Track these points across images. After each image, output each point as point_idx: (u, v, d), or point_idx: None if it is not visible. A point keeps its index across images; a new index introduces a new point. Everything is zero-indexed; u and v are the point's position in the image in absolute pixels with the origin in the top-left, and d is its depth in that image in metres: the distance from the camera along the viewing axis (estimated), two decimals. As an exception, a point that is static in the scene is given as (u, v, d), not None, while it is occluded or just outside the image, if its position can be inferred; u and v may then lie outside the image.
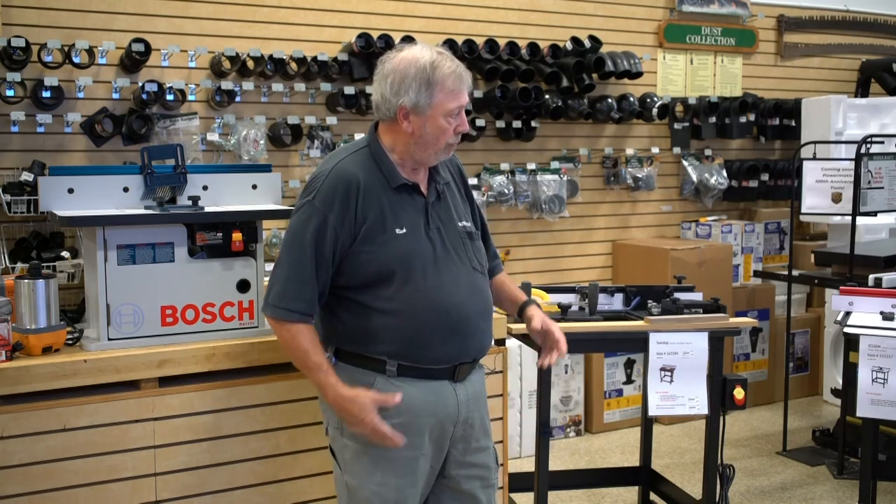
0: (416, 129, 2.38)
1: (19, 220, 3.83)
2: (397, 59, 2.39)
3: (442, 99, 2.34)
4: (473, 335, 2.45)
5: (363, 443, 2.39)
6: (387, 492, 2.39)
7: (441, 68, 2.34)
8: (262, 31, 4.49)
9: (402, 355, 2.38)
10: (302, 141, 4.58)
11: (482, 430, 2.54)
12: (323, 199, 2.35)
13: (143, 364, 2.83)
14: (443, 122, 2.36)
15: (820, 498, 4.30)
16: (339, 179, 2.37)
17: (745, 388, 3.34)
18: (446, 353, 2.41)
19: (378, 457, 2.39)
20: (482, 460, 2.54)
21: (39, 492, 2.71)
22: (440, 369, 2.42)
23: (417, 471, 2.43)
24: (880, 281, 3.98)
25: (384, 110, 2.42)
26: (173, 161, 3.07)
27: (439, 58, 2.37)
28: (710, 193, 5.84)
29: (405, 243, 2.36)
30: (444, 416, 2.43)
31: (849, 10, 6.48)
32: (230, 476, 2.98)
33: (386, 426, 2.31)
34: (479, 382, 2.55)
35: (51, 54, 3.88)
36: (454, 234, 2.46)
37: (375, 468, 2.40)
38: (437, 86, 2.33)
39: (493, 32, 5.06)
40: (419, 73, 2.33)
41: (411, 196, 2.43)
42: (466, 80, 2.40)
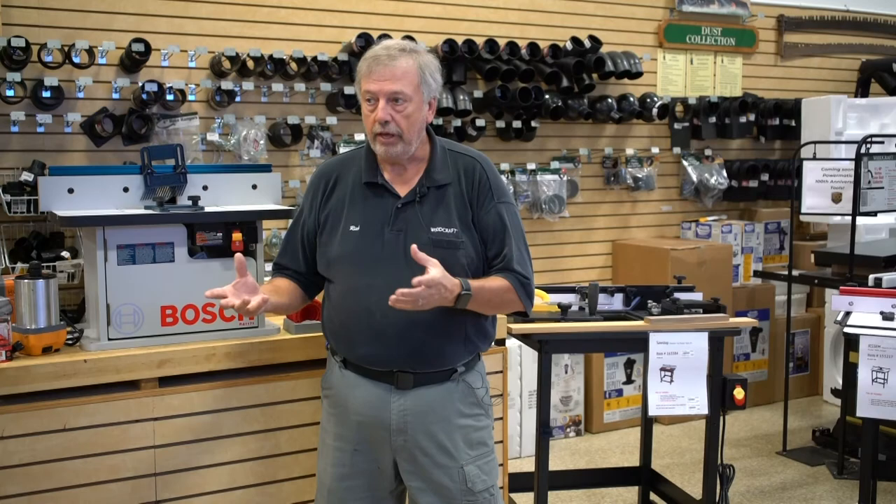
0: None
1: (19, 220, 3.83)
2: None
3: (360, 81, 2.41)
4: (403, 342, 2.39)
5: (323, 429, 2.57)
6: (325, 477, 2.56)
7: (369, 52, 2.40)
8: (262, 31, 4.49)
9: (340, 349, 2.53)
10: (302, 141, 4.58)
11: (436, 446, 2.44)
12: (306, 191, 2.60)
13: (143, 364, 2.83)
14: (364, 108, 2.40)
15: (820, 498, 4.30)
16: (319, 173, 2.57)
17: (745, 388, 3.34)
18: (371, 354, 2.42)
19: (324, 441, 2.58)
20: (438, 478, 2.45)
21: (39, 492, 2.71)
22: (378, 371, 2.43)
23: (354, 466, 2.49)
24: (880, 281, 3.98)
25: None
26: (173, 161, 3.08)
27: (378, 45, 2.41)
28: (710, 193, 5.84)
29: (353, 241, 2.41)
30: (373, 420, 2.45)
31: (849, 10, 6.48)
32: (230, 476, 2.98)
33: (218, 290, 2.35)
34: (437, 398, 2.45)
35: (51, 54, 3.88)
36: (423, 240, 2.36)
37: (322, 453, 2.59)
38: (358, 69, 2.42)
39: (493, 32, 5.06)
40: (362, 60, 2.42)
41: (381, 195, 2.44)
42: (384, 67, 2.33)
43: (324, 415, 2.61)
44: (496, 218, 2.46)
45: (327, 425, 2.58)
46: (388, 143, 2.38)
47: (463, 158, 2.51)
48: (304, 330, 3.09)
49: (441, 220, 2.42)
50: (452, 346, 2.45)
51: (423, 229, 2.40)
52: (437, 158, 2.47)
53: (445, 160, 2.49)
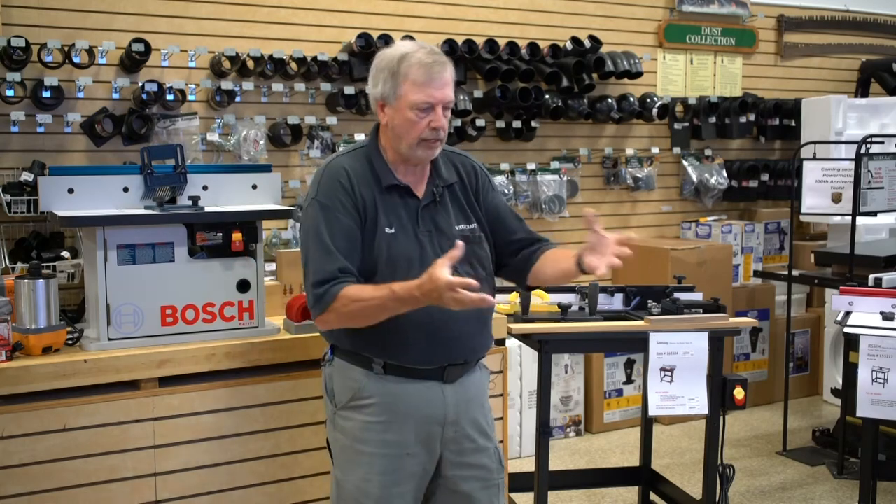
0: (389, 120, 2.39)
1: (19, 220, 3.83)
2: (379, 54, 2.43)
3: (407, 90, 2.33)
4: (457, 339, 2.43)
5: (351, 437, 2.42)
6: (370, 488, 2.40)
7: (409, 59, 2.33)
8: (262, 31, 4.49)
9: (387, 354, 2.39)
10: (302, 141, 4.58)
11: (478, 431, 2.51)
12: (325, 192, 2.38)
13: (143, 364, 2.83)
14: (410, 115, 2.34)
15: (820, 498, 4.29)
16: (336, 173, 2.40)
17: (745, 388, 3.34)
18: (427, 354, 2.41)
19: (362, 452, 2.41)
20: (480, 461, 2.52)
21: (39, 492, 2.71)
22: (427, 370, 2.42)
23: (403, 470, 2.42)
24: (880, 281, 3.97)
25: (372, 106, 2.47)
26: (173, 161, 3.08)
27: (415, 50, 2.35)
28: (710, 193, 5.84)
29: (393, 242, 2.37)
30: (429, 417, 2.43)
31: (849, 10, 6.48)
32: (230, 476, 2.98)
33: (457, 278, 2.17)
34: (474, 384, 2.53)
35: (51, 54, 3.88)
36: (447, 237, 2.42)
37: (359, 463, 2.41)
38: (401, 76, 2.33)
39: (493, 32, 5.06)
40: (388, 64, 2.36)
41: (402, 198, 2.43)
42: (440, 75, 2.34)
43: (358, 426, 2.42)
44: (500, 200, 2.62)
45: (366, 435, 2.41)
46: (434, 148, 2.42)
47: (458, 157, 2.59)
48: (304, 330, 3.09)
49: (460, 218, 2.49)
50: (487, 332, 2.57)
51: (450, 228, 2.45)
52: (439, 159, 2.51)
53: (446, 160, 2.54)
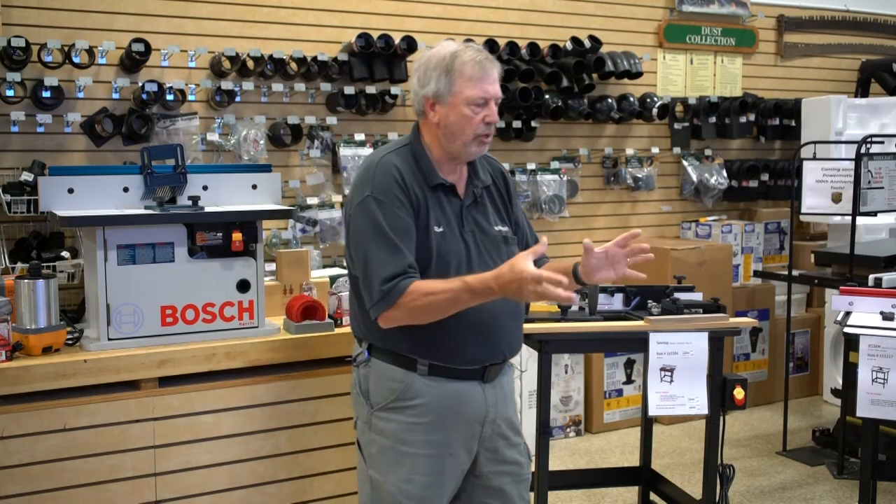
0: (441, 118, 2.40)
1: (19, 220, 3.83)
2: (423, 56, 2.45)
3: (461, 86, 2.36)
4: (502, 337, 2.46)
5: (392, 438, 2.40)
6: (412, 488, 2.39)
7: (461, 57, 2.37)
8: (262, 31, 4.49)
9: (433, 355, 2.38)
10: (302, 141, 4.57)
11: (511, 428, 2.55)
12: (381, 189, 2.34)
13: (143, 364, 2.83)
14: (465, 111, 2.37)
15: (820, 498, 4.29)
16: (389, 169, 2.38)
17: (745, 388, 3.34)
18: (475, 354, 2.42)
19: (404, 453, 2.39)
20: (512, 456, 2.55)
21: (39, 492, 2.71)
22: (470, 370, 2.43)
23: (445, 471, 2.42)
24: (880, 281, 3.97)
25: (416, 106, 2.46)
26: (173, 161, 3.08)
27: (463, 49, 2.40)
28: (710, 193, 5.84)
29: (441, 241, 2.38)
30: (472, 417, 2.44)
31: (849, 10, 6.48)
32: (230, 476, 2.98)
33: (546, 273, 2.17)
34: (508, 382, 2.57)
35: (51, 54, 3.88)
36: (489, 237, 2.46)
37: (400, 464, 2.40)
38: (455, 73, 2.36)
39: (493, 32, 5.06)
40: (439, 62, 2.38)
41: (448, 196, 2.44)
42: (491, 71, 2.40)
43: (401, 427, 2.40)
44: (520, 209, 2.68)
45: (409, 436, 2.39)
46: (486, 144, 2.45)
47: (489, 160, 2.62)
48: (304, 330, 3.10)
49: (497, 219, 2.53)
50: (521, 330, 2.59)
51: (490, 228, 2.48)
52: (476, 160, 2.53)
53: (480, 162, 2.56)
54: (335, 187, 4.67)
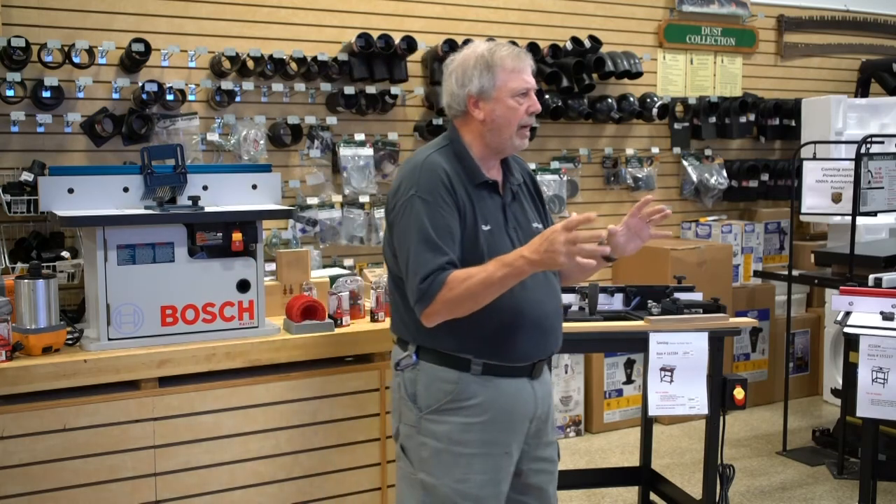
0: (487, 114, 2.42)
1: (19, 220, 3.83)
2: (458, 56, 2.48)
3: (504, 79, 2.41)
4: (551, 333, 2.49)
5: (445, 440, 2.38)
6: (468, 489, 2.38)
7: (498, 52, 2.43)
8: (262, 31, 4.49)
9: (487, 353, 2.38)
10: (302, 141, 4.57)
11: (550, 425, 2.57)
12: (426, 188, 2.34)
13: (143, 364, 2.83)
14: (511, 103, 2.41)
15: (820, 498, 4.29)
16: (435, 169, 2.38)
17: (745, 388, 3.34)
18: (528, 350, 2.43)
19: (460, 454, 2.38)
20: (549, 454, 2.57)
21: (39, 492, 2.71)
22: (521, 367, 2.44)
23: (501, 470, 2.43)
24: (880, 281, 3.97)
25: (455, 106, 2.47)
26: (173, 161, 3.08)
27: (497, 45, 2.47)
28: (710, 193, 5.84)
29: (491, 239, 2.39)
30: (523, 415, 2.45)
31: (849, 10, 6.48)
32: (230, 476, 2.98)
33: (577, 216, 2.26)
34: (548, 379, 2.59)
35: (51, 54, 3.88)
36: (529, 233, 2.46)
37: (456, 465, 2.38)
38: (497, 67, 2.41)
39: (493, 32, 5.06)
40: (478, 59, 2.42)
41: (491, 194, 2.46)
42: (528, 62, 2.47)
43: (455, 428, 2.38)
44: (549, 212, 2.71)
45: (465, 436, 2.38)
46: (527, 136, 2.49)
47: (517, 159, 2.62)
48: (304, 330, 3.10)
49: (534, 216, 2.56)
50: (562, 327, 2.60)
51: (528, 225, 2.50)
52: (508, 158, 2.55)
53: (511, 160, 2.57)
54: (335, 187, 4.67)
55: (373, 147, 4.68)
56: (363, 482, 3.20)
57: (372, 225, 4.69)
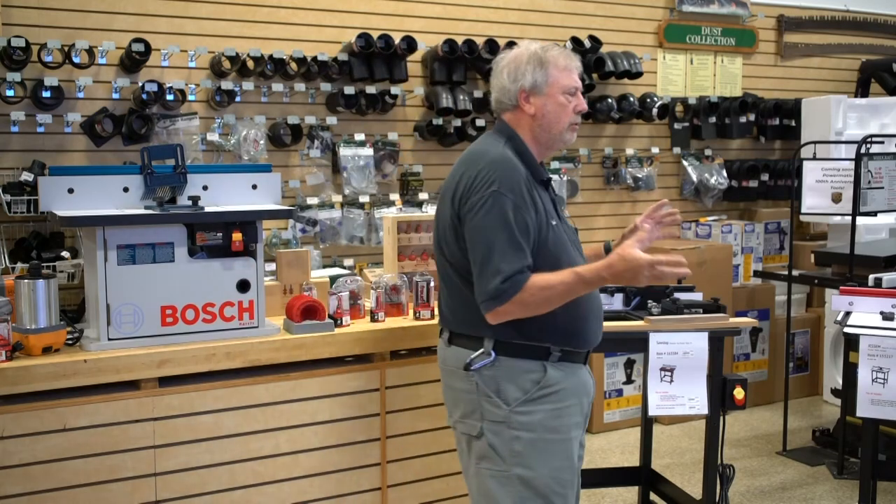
0: (538, 109, 2.49)
1: (19, 220, 3.83)
2: (509, 54, 2.55)
3: (557, 76, 2.49)
4: (601, 320, 2.60)
5: (540, 428, 2.42)
6: (565, 475, 2.45)
7: (551, 51, 2.53)
8: (262, 31, 4.49)
9: (564, 341, 2.45)
10: (302, 141, 4.58)
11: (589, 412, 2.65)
12: (508, 186, 2.36)
13: (143, 364, 2.83)
14: (561, 99, 2.50)
15: (820, 498, 4.29)
16: (515, 167, 2.41)
17: (745, 388, 3.34)
18: (592, 337, 2.54)
19: (554, 440, 2.43)
20: (584, 439, 2.64)
21: (39, 492, 2.71)
22: (584, 353, 2.53)
23: (575, 453, 2.52)
24: (880, 281, 3.97)
25: (505, 101, 2.53)
26: (173, 161, 3.07)
27: (548, 45, 2.56)
28: (710, 193, 5.84)
29: (559, 234, 2.46)
30: (588, 398, 2.56)
31: (849, 10, 6.48)
32: (230, 476, 2.98)
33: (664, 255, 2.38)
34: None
35: (51, 54, 3.88)
36: (571, 227, 2.59)
37: (553, 453, 2.43)
38: (549, 64, 2.49)
39: (493, 32, 5.06)
40: (531, 56, 2.50)
41: (546, 190, 2.52)
42: (577, 63, 2.56)
43: (546, 416, 2.43)
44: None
45: (556, 422, 2.44)
46: (575, 132, 2.58)
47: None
48: (304, 330, 3.09)
49: (564, 210, 2.66)
50: None
51: (567, 220, 2.60)
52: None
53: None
54: (335, 187, 4.67)
55: (373, 147, 4.68)
56: (363, 482, 3.20)
57: (372, 225, 4.69)
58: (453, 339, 2.51)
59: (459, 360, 2.46)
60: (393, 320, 3.31)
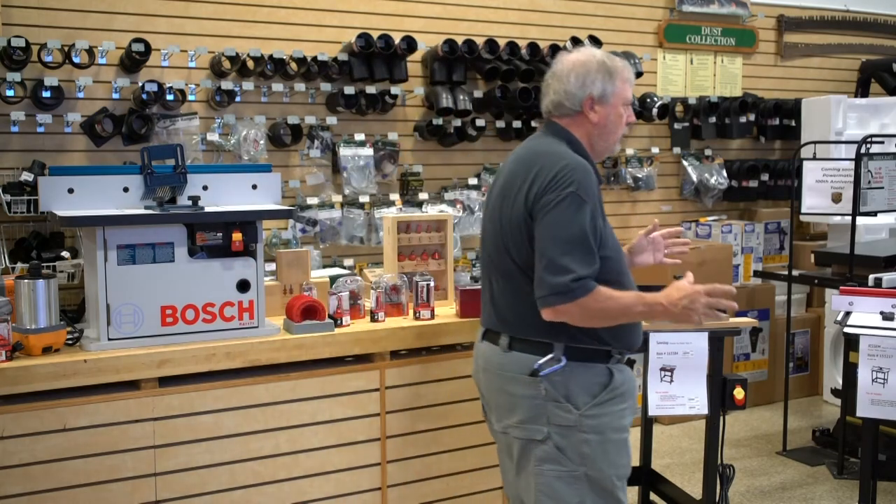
0: (601, 118, 2.52)
1: (19, 220, 3.83)
2: (572, 58, 2.55)
3: (621, 87, 2.54)
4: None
5: (609, 429, 2.46)
6: (624, 472, 2.51)
7: (616, 61, 2.56)
8: (262, 31, 4.49)
9: (624, 344, 2.52)
10: (302, 141, 4.58)
11: None
12: (585, 190, 2.37)
13: (143, 364, 2.83)
14: (621, 111, 2.55)
15: (820, 498, 4.29)
16: (589, 171, 2.43)
17: (745, 388, 3.34)
18: (640, 339, 2.62)
19: (619, 440, 2.48)
20: None
21: (39, 492, 2.71)
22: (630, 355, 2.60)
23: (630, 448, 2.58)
24: (880, 281, 3.97)
25: (569, 105, 2.52)
26: (173, 161, 3.07)
27: (607, 53, 2.60)
28: (710, 193, 5.84)
29: (615, 236, 2.51)
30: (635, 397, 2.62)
31: (849, 10, 6.48)
32: (230, 476, 2.98)
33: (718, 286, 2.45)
34: None
35: (51, 54, 3.88)
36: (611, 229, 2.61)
37: (618, 452, 2.48)
38: (617, 75, 2.53)
39: (493, 32, 5.06)
40: (600, 65, 2.52)
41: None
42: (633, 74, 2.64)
43: (613, 418, 2.47)
44: None
45: (620, 422, 2.50)
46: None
47: None
48: (304, 330, 3.09)
49: None
50: None
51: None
52: None
53: None
54: (335, 187, 4.67)
55: (373, 147, 4.68)
56: (363, 482, 3.20)
57: (372, 225, 4.69)
58: (514, 345, 2.48)
59: (523, 366, 2.44)
60: (393, 320, 3.31)
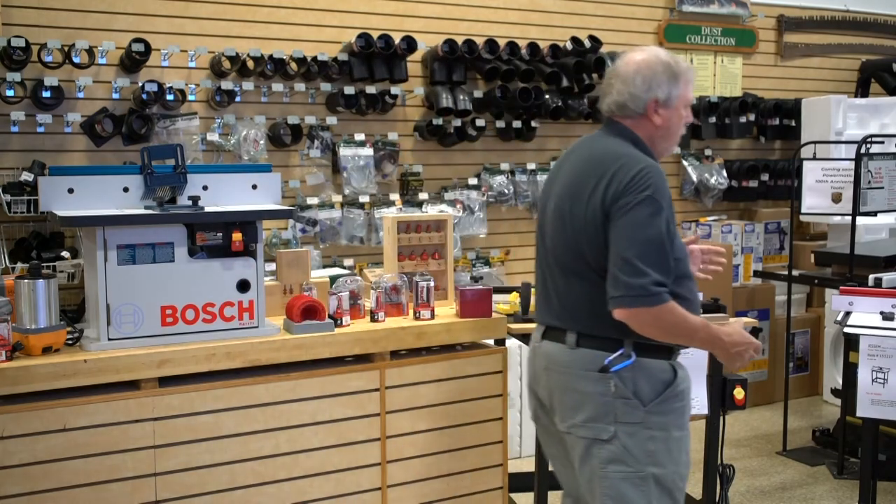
0: (664, 120, 2.51)
1: (19, 220, 3.83)
2: (637, 59, 2.51)
3: (684, 90, 2.52)
4: None
5: (672, 426, 2.45)
6: (684, 469, 2.51)
7: (680, 63, 2.55)
8: (262, 31, 4.49)
9: (680, 346, 2.52)
10: (302, 141, 4.58)
11: None
12: (661, 194, 2.37)
13: (143, 364, 2.83)
14: (683, 113, 2.54)
15: (820, 498, 4.29)
16: (664, 178, 2.42)
17: (745, 388, 3.34)
18: None
19: (680, 437, 2.48)
20: None
21: (39, 492, 2.71)
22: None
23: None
24: (880, 281, 3.97)
25: (633, 107, 2.49)
26: (173, 161, 3.07)
27: (671, 53, 2.57)
28: (710, 193, 5.84)
29: (680, 237, 2.49)
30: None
31: (849, 10, 6.48)
32: (230, 476, 2.98)
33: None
34: None
35: (51, 54, 3.88)
36: None
37: (680, 449, 2.48)
38: (681, 78, 2.51)
39: (493, 32, 5.06)
40: (666, 68, 2.49)
41: None
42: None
43: (675, 414, 2.47)
44: None
45: (681, 419, 2.49)
46: None
47: None
48: (304, 330, 3.09)
49: None
50: None
51: None
52: None
53: None
54: (335, 187, 4.68)
55: (373, 147, 4.68)
56: (363, 482, 3.19)
57: (372, 225, 4.69)
58: (582, 341, 2.46)
59: (592, 363, 2.42)
60: (393, 320, 3.31)
